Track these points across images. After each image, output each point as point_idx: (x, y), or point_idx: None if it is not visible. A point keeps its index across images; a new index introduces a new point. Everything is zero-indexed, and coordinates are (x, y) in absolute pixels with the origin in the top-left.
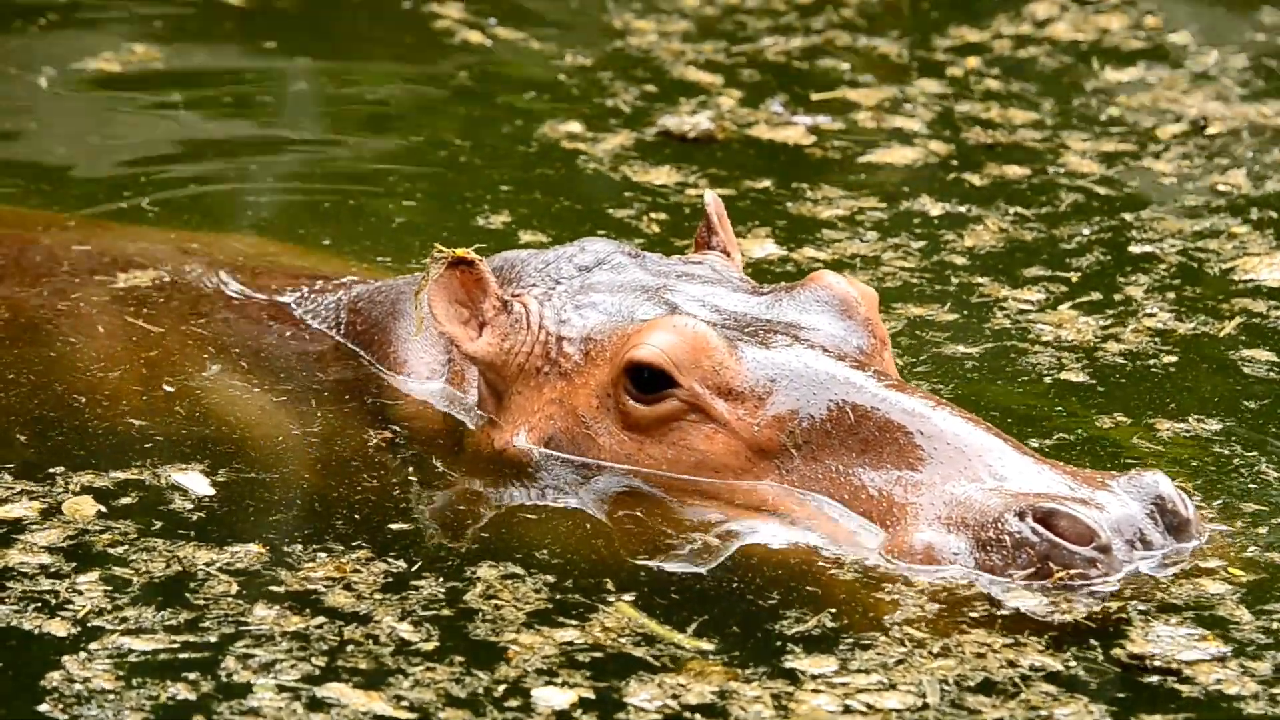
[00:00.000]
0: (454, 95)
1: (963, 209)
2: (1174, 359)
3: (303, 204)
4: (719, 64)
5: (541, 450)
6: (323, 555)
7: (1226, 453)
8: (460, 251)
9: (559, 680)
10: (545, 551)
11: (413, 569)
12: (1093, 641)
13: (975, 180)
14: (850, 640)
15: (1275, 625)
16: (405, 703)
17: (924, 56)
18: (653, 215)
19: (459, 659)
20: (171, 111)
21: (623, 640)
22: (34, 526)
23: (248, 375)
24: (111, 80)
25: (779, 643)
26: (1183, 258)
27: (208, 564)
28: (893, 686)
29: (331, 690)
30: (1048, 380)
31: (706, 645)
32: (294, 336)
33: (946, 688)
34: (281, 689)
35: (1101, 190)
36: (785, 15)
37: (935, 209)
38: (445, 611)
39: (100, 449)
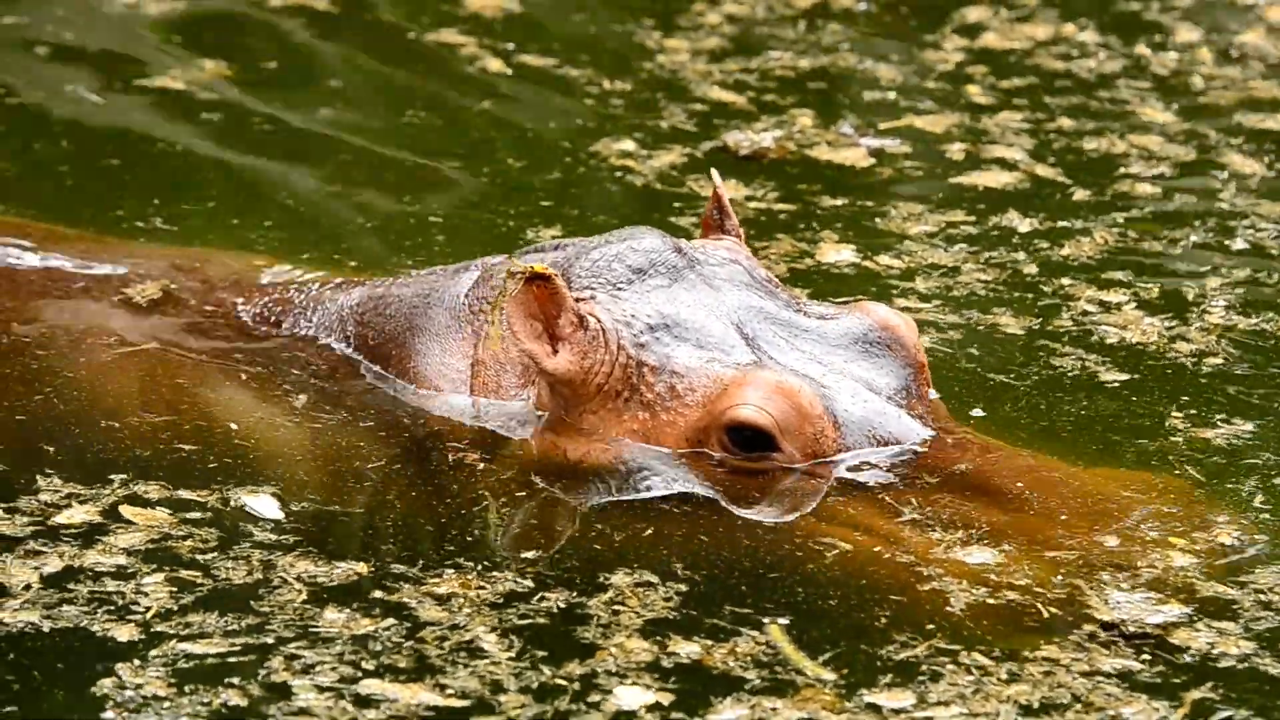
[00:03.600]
0: (488, 120)
1: (1046, 226)
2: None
3: (346, 223)
4: (755, 84)
5: (625, 458)
6: (442, 571)
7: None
8: (539, 267)
9: (642, 683)
10: (680, 564)
11: (526, 583)
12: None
13: (1061, 200)
14: (926, 669)
15: (1233, 590)
16: (452, 691)
17: (964, 70)
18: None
19: (540, 654)
20: (200, 135)
21: (738, 660)
22: (89, 550)
23: (273, 396)
24: (157, 97)
25: (887, 670)
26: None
27: (305, 576)
28: (974, 717)
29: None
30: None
31: (829, 675)
32: (294, 351)
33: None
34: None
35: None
36: (806, 30)
37: (1023, 225)
38: (542, 620)
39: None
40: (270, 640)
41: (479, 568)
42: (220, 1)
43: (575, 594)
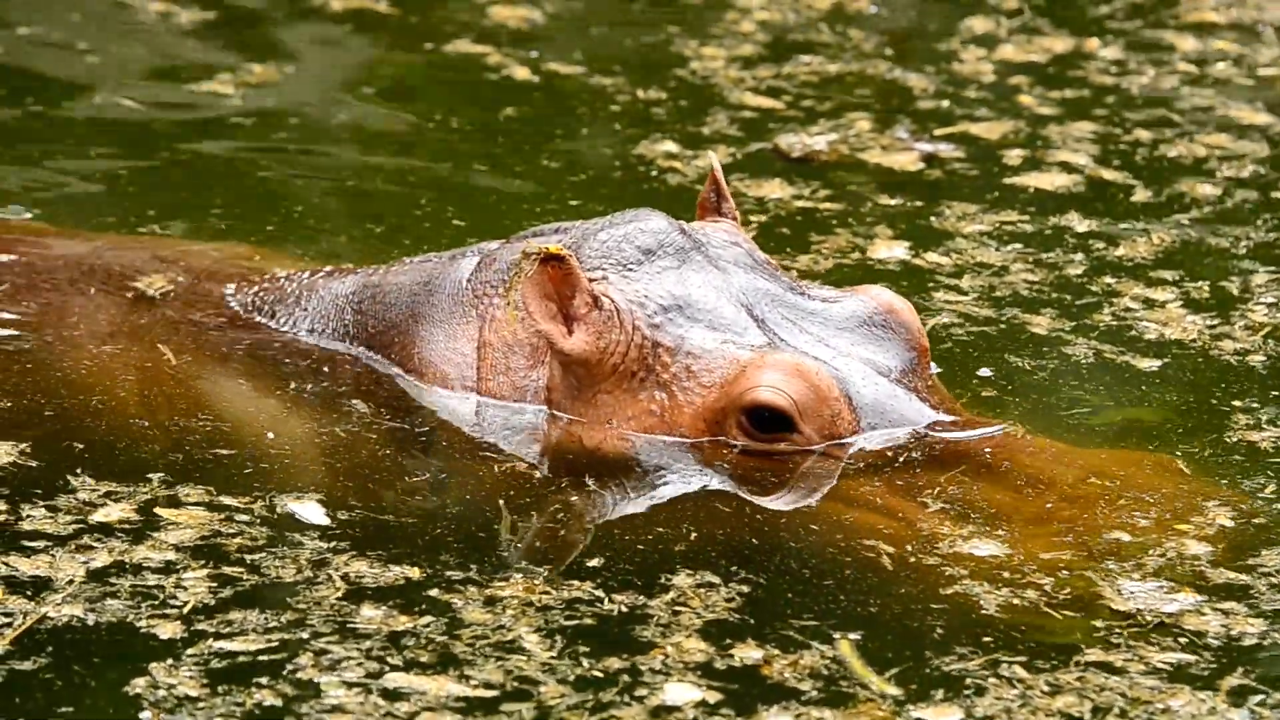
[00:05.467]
0: (518, 125)
1: (1104, 228)
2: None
3: (375, 227)
4: (793, 90)
5: (640, 445)
6: (507, 575)
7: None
8: (554, 248)
9: (690, 680)
10: (732, 565)
11: (572, 582)
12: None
13: (1116, 205)
14: (971, 682)
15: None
16: (475, 682)
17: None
18: (754, 221)
19: (584, 649)
20: (221, 140)
21: (795, 671)
22: (130, 548)
23: (282, 389)
24: (186, 103)
25: (934, 683)
26: None
27: (351, 576)
28: None
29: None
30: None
31: (894, 690)
32: (292, 341)
33: None
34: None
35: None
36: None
37: (1081, 225)
38: (589, 621)
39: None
40: (305, 636)
41: (523, 570)
42: (244, 10)
43: (634, 595)
